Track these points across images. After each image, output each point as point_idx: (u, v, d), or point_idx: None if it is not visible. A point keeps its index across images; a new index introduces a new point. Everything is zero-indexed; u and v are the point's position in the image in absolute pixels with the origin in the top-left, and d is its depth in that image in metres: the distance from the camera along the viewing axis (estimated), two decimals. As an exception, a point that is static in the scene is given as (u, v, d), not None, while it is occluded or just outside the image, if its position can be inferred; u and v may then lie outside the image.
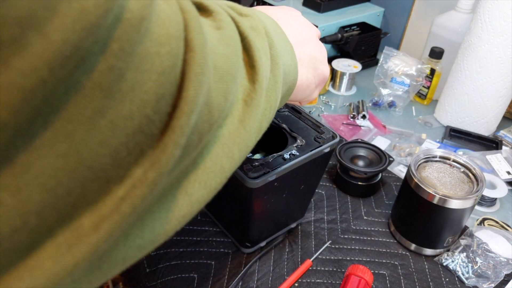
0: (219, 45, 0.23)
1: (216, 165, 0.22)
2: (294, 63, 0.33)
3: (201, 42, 0.19)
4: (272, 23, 0.32)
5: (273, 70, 0.28)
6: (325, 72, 0.39)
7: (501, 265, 0.56)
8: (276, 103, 0.29)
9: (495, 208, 0.68)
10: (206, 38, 0.20)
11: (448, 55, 0.87)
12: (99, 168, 0.16)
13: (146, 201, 0.17)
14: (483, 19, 0.73)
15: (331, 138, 0.49)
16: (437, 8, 0.99)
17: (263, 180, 0.43)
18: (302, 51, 0.36)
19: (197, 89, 0.18)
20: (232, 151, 0.23)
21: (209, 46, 0.21)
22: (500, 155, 0.74)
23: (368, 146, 0.70)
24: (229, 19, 0.25)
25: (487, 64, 0.75)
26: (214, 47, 0.22)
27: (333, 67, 0.95)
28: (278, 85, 0.28)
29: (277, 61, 0.28)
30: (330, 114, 0.89)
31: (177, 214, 0.20)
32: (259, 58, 0.26)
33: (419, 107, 0.93)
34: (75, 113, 0.14)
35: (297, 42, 0.35)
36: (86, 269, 0.16)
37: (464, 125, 0.83)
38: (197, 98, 0.19)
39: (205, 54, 0.20)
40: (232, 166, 0.24)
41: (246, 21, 0.27)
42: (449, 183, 0.56)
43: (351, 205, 0.67)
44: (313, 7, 1.07)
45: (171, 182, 0.20)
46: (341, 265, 0.57)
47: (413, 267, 0.57)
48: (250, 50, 0.26)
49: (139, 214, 0.17)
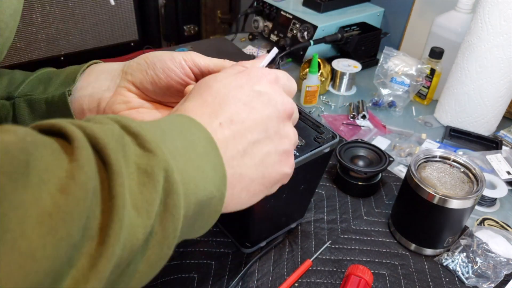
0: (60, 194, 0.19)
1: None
2: (221, 193, 0.28)
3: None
4: (197, 145, 0.27)
5: (163, 223, 0.24)
6: (283, 171, 0.32)
7: (501, 265, 0.56)
8: (167, 252, 0.26)
9: (495, 208, 0.68)
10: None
11: (448, 55, 0.87)
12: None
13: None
14: (483, 19, 0.73)
15: (331, 138, 0.49)
16: (437, 8, 0.99)
17: None
18: (243, 163, 0.29)
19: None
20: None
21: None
22: (500, 155, 0.74)
23: (368, 146, 0.70)
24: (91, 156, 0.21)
25: (487, 64, 0.75)
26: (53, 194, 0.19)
27: (333, 67, 0.95)
28: (167, 240, 0.25)
29: (173, 213, 0.24)
30: (330, 114, 0.89)
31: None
32: (120, 217, 0.21)
33: (419, 107, 0.93)
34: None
35: (239, 152, 0.29)
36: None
37: (464, 125, 0.83)
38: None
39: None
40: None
41: (141, 158, 0.23)
42: (449, 183, 0.56)
43: (351, 205, 0.67)
44: (313, 7, 1.07)
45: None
46: (341, 265, 0.57)
47: (413, 267, 0.57)
48: (113, 207, 0.21)
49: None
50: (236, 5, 1.67)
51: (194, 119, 0.28)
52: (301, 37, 1.02)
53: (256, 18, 1.16)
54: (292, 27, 1.05)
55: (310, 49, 0.99)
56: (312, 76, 0.87)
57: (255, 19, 1.16)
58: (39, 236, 0.18)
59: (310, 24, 1.00)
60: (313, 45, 0.97)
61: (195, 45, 1.08)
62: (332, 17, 1.04)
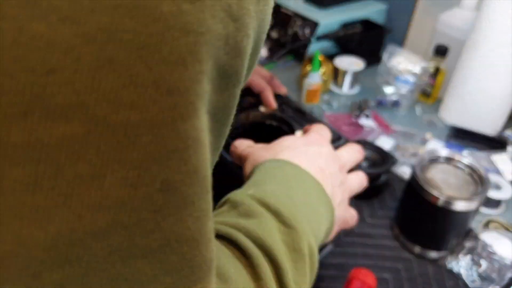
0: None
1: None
2: (331, 213, 0.35)
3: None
4: (313, 197, 0.33)
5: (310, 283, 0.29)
6: (350, 213, 0.42)
7: (506, 268, 0.55)
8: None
9: (500, 209, 0.67)
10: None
11: (453, 53, 0.85)
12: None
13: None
14: (488, 16, 0.71)
15: (336, 140, 0.49)
16: (442, 5, 0.98)
17: None
18: (337, 207, 0.37)
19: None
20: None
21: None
22: (505, 155, 0.73)
23: (371, 147, 0.69)
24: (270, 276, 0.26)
25: (492, 62, 0.73)
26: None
27: (335, 65, 0.94)
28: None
29: (314, 270, 0.30)
30: (332, 113, 0.88)
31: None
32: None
33: (424, 106, 0.92)
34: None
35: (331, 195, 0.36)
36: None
37: (469, 125, 0.82)
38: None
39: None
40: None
41: (286, 236, 0.28)
42: (454, 184, 0.55)
43: (354, 207, 0.66)
44: (314, 4, 1.06)
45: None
46: (344, 269, 0.56)
47: (416, 271, 0.56)
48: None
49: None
50: (238, 2, 1.66)
51: (305, 171, 0.34)
52: (302, 34, 1.01)
53: (257, 15, 1.14)
54: (293, 24, 1.03)
55: (312, 46, 0.98)
56: (314, 74, 0.86)
57: (256, 16, 1.15)
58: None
59: (311, 21, 0.99)
60: (314, 42, 0.96)
61: (196, 42, 1.07)
62: (334, 14, 1.03)
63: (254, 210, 0.28)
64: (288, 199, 0.30)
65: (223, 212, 0.29)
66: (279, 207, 0.28)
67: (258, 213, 0.28)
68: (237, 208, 0.29)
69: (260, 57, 1.05)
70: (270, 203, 0.29)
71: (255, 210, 0.28)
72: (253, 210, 0.28)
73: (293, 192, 0.31)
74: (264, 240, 0.26)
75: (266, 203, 0.29)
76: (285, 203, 0.29)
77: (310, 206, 0.31)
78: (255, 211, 0.28)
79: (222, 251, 0.25)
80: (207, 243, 0.19)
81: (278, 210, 0.28)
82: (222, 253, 0.25)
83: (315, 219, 0.31)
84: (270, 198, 0.29)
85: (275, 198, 0.29)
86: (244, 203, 0.29)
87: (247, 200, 0.29)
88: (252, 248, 0.25)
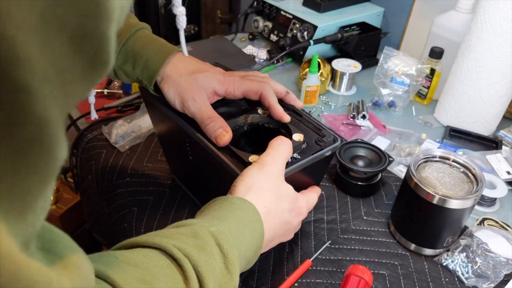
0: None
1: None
2: (253, 260, 0.41)
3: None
4: (256, 240, 0.40)
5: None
6: (285, 240, 0.48)
7: (501, 265, 0.56)
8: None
9: (495, 208, 0.68)
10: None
11: (448, 55, 0.87)
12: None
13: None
14: (483, 19, 0.73)
15: (332, 142, 0.49)
16: (437, 8, 0.99)
17: None
18: (265, 247, 0.44)
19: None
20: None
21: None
22: (500, 155, 0.74)
23: (368, 146, 0.70)
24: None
25: (487, 64, 0.75)
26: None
27: (333, 67, 0.95)
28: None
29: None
30: (330, 114, 0.89)
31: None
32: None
33: (419, 107, 0.93)
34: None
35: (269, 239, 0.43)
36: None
37: (464, 125, 0.83)
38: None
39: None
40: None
41: (224, 278, 0.35)
42: (449, 183, 0.56)
43: (351, 205, 0.67)
44: (313, 7, 1.07)
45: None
46: (341, 265, 0.57)
47: (412, 267, 0.57)
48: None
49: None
50: (236, 5, 1.67)
51: (260, 221, 0.41)
52: (301, 37, 1.02)
53: (256, 18, 1.16)
54: (292, 27, 1.05)
55: (310, 49, 0.99)
56: (312, 76, 0.87)
57: (255, 19, 1.16)
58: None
59: (310, 24, 1.00)
60: (313, 45, 0.97)
61: (195, 45, 1.08)
62: (332, 17, 1.04)
63: (208, 248, 0.34)
64: (237, 243, 0.37)
65: (182, 235, 0.35)
66: (229, 252, 0.35)
67: (210, 252, 0.34)
68: (196, 238, 0.35)
69: (259, 61, 1.07)
70: (224, 246, 0.35)
71: (209, 249, 0.34)
72: (207, 248, 0.34)
73: (244, 237, 0.38)
74: (205, 278, 0.32)
75: (221, 245, 0.35)
76: (233, 247, 0.36)
77: (250, 251, 0.39)
78: (208, 250, 0.34)
79: (168, 269, 0.32)
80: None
81: (227, 255, 0.35)
82: (163, 270, 0.31)
83: (247, 261, 0.39)
84: (225, 241, 0.36)
85: (229, 242, 0.36)
86: (203, 238, 0.35)
87: (206, 236, 0.35)
88: (195, 279, 0.32)
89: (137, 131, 0.77)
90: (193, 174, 0.60)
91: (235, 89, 0.51)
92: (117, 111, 0.86)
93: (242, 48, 1.11)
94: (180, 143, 0.55)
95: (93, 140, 0.78)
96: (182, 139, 0.54)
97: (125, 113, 0.84)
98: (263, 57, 1.08)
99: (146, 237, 0.34)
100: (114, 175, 0.71)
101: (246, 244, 0.38)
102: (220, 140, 0.47)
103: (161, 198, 0.66)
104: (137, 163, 0.73)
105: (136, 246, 0.33)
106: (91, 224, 0.81)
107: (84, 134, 0.80)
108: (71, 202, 1.33)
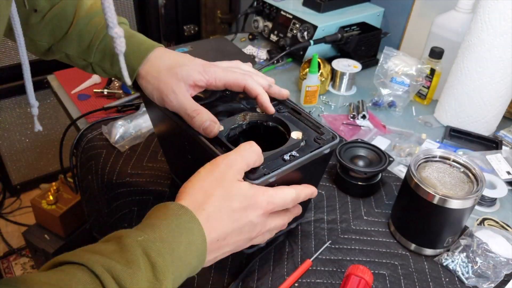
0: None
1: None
2: (201, 263, 0.40)
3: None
4: (195, 250, 0.38)
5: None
6: (248, 243, 0.45)
7: (501, 265, 0.56)
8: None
9: (495, 208, 0.68)
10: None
11: (448, 55, 0.87)
12: None
13: None
14: (483, 19, 0.73)
15: (331, 139, 0.49)
16: (437, 8, 0.99)
17: (263, 181, 0.43)
18: (218, 248, 0.41)
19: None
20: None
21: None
22: (500, 155, 0.74)
23: (368, 146, 0.70)
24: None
25: (487, 64, 0.75)
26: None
27: (333, 67, 0.95)
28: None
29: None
30: (330, 114, 0.89)
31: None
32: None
33: (419, 107, 0.93)
34: None
35: (219, 241, 0.41)
36: None
37: (464, 125, 0.83)
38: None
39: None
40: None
41: (152, 285, 0.34)
42: (449, 183, 0.56)
43: (351, 205, 0.67)
44: (313, 7, 1.07)
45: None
46: (341, 265, 0.57)
47: (413, 267, 0.57)
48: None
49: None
50: (236, 5, 1.67)
51: (202, 232, 0.39)
52: (301, 37, 1.02)
53: (256, 18, 1.16)
54: (292, 27, 1.05)
55: (310, 49, 0.99)
56: (312, 76, 0.87)
57: (255, 19, 1.16)
58: None
59: (310, 24, 1.00)
60: (313, 45, 0.97)
61: (195, 45, 1.08)
62: (332, 17, 1.04)
63: (134, 260, 0.34)
64: (169, 250, 0.36)
65: (108, 250, 0.34)
66: (157, 260, 0.34)
67: (136, 263, 0.34)
68: (122, 252, 0.34)
69: (259, 61, 1.07)
70: (151, 255, 0.34)
71: (135, 260, 0.34)
72: (133, 260, 0.34)
73: (180, 242, 0.37)
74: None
75: (148, 254, 0.34)
76: (164, 254, 0.35)
77: (190, 255, 0.38)
78: (135, 261, 0.34)
79: (90, 285, 0.31)
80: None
81: (155, 264, 0.34)
82: (86, 286, 0.31)
83: (189, 265, 0.38)
84: (153, 249, 0.35)
85: (157, 250, 0.35)
86: (130, 249, 0.34)
87: (133, 247, 0.34)
88: (111, 283, 0.32)
89: (137, 131, 0.78)
90: (193, 173, 0.60)
91: (216, 80, 0.50)
92: (117, 111, 0.86)
93: (242, 48, 1.11)
94: (180, 142, 0.55)
95: (93, 140, 0.78)
96: (181, 139, 0.54)
97: (125, 113, 0.84)
98: (263, 57, 1.08)
99: (73, 254, 0.34)
100: (114, 175, 0.71)
101: (183, 249, 0.37)
102: (210, 132, 0.46)
103: (161, 198, 0.66)
104: (137, 163, 0.73)
105: (64, 263, 0.33)
106: (91, 224, 0.81)
107: (84, 134, 0.80)
108: (71, 202, 1.33)
